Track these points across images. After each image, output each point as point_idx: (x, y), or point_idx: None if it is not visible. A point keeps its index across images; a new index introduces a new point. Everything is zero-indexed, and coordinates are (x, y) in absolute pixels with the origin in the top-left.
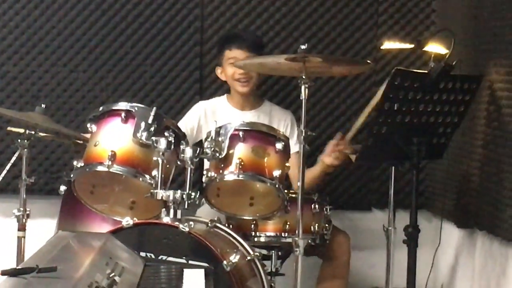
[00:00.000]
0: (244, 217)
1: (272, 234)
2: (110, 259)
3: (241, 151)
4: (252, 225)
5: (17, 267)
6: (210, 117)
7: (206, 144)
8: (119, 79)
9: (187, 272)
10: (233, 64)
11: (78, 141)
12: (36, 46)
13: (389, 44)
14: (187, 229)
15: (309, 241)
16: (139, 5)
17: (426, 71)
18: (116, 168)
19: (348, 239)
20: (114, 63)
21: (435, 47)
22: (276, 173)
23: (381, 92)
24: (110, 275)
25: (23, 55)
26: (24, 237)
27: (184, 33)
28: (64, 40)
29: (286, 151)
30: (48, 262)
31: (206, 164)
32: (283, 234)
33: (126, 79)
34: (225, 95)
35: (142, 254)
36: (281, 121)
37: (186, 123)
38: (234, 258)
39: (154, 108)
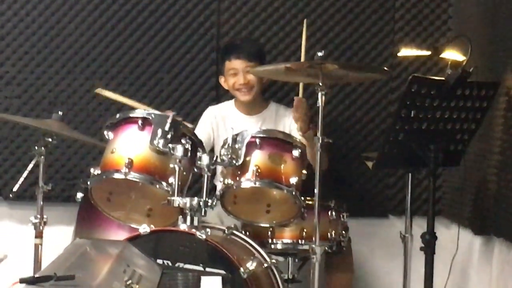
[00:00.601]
0: (261, 224)
1: (289, 241)
2: (128, 267)
3: (258, 158)
4: (269, 232)
5: (35, 275)
6: (220, 122)
7: (222, 151)
8: (136, 86)
9: (204, 279)
10: (233, 73)
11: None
12: (53, 53)
13: (405, 51)
14: (204, 237)
15: (326, 248)
16: (156, 12)
17: (443, 78)
18: (133, 176)
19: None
20: (130, 70)
21: (452, 54)
22: (293, 180)
23: None
24: (128, 283)
25: (40, 62)
26: (41, 244)
27: (201, 40)
28: (81, 47)
29: (302, 158)
30: (66, 270)
31: (218, 170)
32: (299, 241)
33: (142, 86)
34: (233, 99)
35: (159, 261)
36: (286, 119)
37: (202, 131)
38: (251, 265)
39: (171, 115)
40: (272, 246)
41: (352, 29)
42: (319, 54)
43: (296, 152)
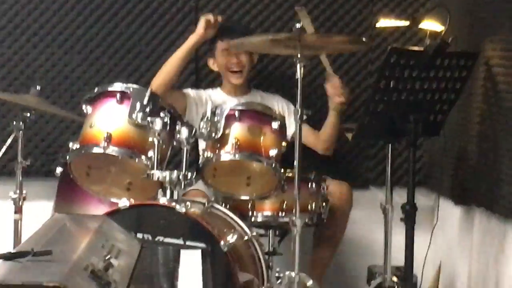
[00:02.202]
0: (241, 197)
1: (269, 213)
2: (106, 241)
3: (237, 131)
4: (249, 205)
5: (12, 251)
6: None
7: (201, 124)
8: (114, 60)
9: (183, 253)
10: (226, 53)
11: None
12: (30, 27)
13: (384, 22)
14: (183, 210)
15: (306, 220)
16: None
17: (421, 49)
18: (112, 150)
19: (349, 188)
20: (108, 44)
21: (431, 24)
22: (273, 152)
23: None
24: (106, 258)
25: (17, 37)
26: (20, 219)
27: (179, 12)
28: (59, 22)
29: (282, 130)
30: (43, 245)
31: (202, 144)
32: (280, 214)
33: (121, 60)
34: (218, 88)
35: (139, 235)
36: (275, 103)
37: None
38: (232, 238)
39: (149, 89)
40: (253, 219)
41: (330, 0)
42: (297, 25)
43: (275, 124)
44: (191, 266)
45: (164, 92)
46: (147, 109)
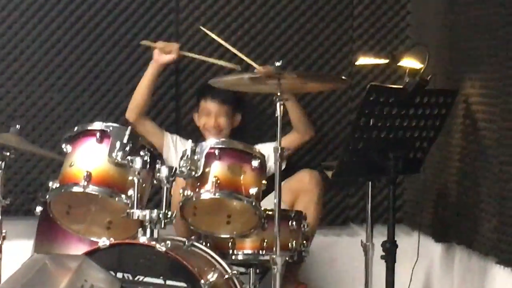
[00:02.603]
0: (222, 235)
1: (250, 252)
2: (85, 282)
3: (217, 169)
4: (230, 243)
5: None
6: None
7: (181, 163)
8: (95, 98)
9: None
10: (206, 113)
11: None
12: (11, 66)
13: (363, 60)
14: (164, 249)
15: (287, 258)
16: (114, 23)
17: (401, 86)
18: (91, 189)
19: (318, 174)
20: (89, 82)
21: (410, 62)
22: (253, 190)
23: None
24: None
25: None
26: (0, 259)
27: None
28: (38, 60)
29: (262, 168)
30: (22, 286)
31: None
32: (260, 252)
33: (101, 98)
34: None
35: (119, 274)
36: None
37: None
38: (212, 277)
39: (129, 128)
40: (233, 257)
41: (310, 37)
42: (277, 64)
43: (255, 163)
44: None
45: (137, 118)
46: (127, 148)
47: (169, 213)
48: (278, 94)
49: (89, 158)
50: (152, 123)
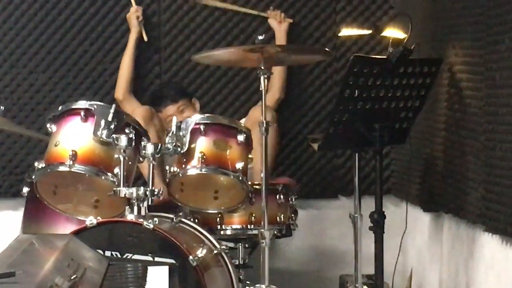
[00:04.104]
0: (209, 211)
1: (238, 226)
2: (72, 261)
3: (203, 144)
4: (218, 219)
5: None
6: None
7: (167, 139)
8: (79, 78)
9: (151, 269)
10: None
11: None
12: None
13: (347, 31)
14: (151, 226)
15: (275, 232)
16: (96, 2)
17: (385, 57)
18: (77, 168)
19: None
20: (73, 62)
21: (393, 32)
22: (239, 165)
23: None
24: (72, 277)
25: None
26: None
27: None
28: (22, 41)
29: (248, 142)
30: (8, 267)
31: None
32: (249, 226)
33: (86, 78)
34: None
35: (108, 253)
36: None
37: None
38: (201, 252)
39: (114, 106)
40: (222, 232)
41: (293, 10)
42: (260, 37)
43: (241, 137)
44: (159, 282)
45: (124, 97)
46: (112, 126)
47: (156, 190)
48: (262, 67)
49: (74, 137)
50: (137, 102)
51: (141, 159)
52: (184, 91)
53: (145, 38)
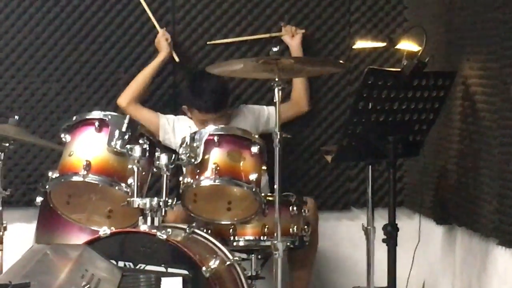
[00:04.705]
0: (222, 222)
1: (251, 238)
2: (86, 271)
3: (217, 156)
4: (231, 230)
5: None
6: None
7: (181, 150)
8: (93, 88)
9: (164, 280)
10: (202, 122)
11: None
12: (8, 57)
13: (361, 43)
14: (164, 237)
15: (288, 243)
16: (110, 12)
17: (399, 69)
18: (91, 178)
19: (314, 203)
20: (87, 71)
21: (407, 45)
22: (253, 176)
23: None
24: (86, 287)
25: None
26: (1, 250)
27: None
28: (36, 50)
29: (261, 154)
30: (22, 278)
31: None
32: (262, 238)
33: (99, 87)
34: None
35: (121, 263)
36: (252, 117)
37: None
38: (214, 263)
39: (128, 116)
40: (234, 244)
41: (308, 22)
42: (274, 49)
43: (255, 149)
44: None
45: (127, 105)
46: (126, 136)
47: (169, 200)
48: (276, 79)
49: (88, 147)
50: (144, 108)
51: (154, 169)
52: (228, 100)
53: (177, 59)
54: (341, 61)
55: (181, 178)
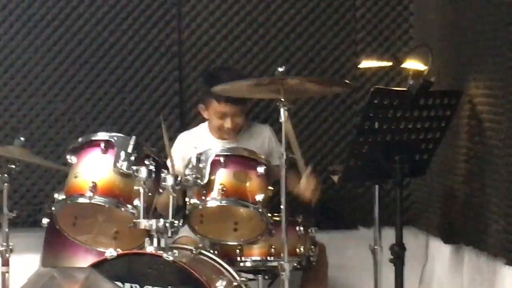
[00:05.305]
0: (229, 242)
1: (258, 258)
2: None
3: (223, 176)
4: (237, 250)
5: None
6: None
7: (187, 171)
8: (98, 108)
9: None
10: (221, 115)
11: None
12: (14, 77)
13: (367, 63)
14: (171, 258)
15: (295, 263)
16: (116, 32)
17: (405, 88)
18: (97, 199)
19: (323, 249)
20: (92, 91)
21: (413, 64)
22: (259, 197)
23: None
24: None
25: (0, 87)
26: (8, 272)
27: (162, 58)
28: (42, 70)
29: (268, 174)
30: None
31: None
32: (268, 258)
33: (105, 108)
34: (206, 122)
35: (127, 285)
36: (259, 139)
37: (177, 159)
38: (221, 284)
39: (134, 137)
40: (241, 264)
41: (313, 41)
42: (280, 69)
43: (261, 169)
44: None
45: None
46: (132, 158)
47: (176, 222)
48: (282, 99)
49: (94, 169)
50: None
51: (160, 190)
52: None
53: None
54: (347, 81)
55: (187, 199)
